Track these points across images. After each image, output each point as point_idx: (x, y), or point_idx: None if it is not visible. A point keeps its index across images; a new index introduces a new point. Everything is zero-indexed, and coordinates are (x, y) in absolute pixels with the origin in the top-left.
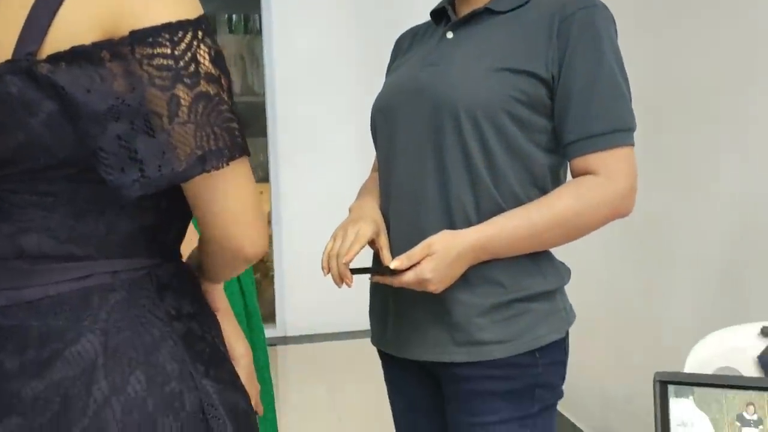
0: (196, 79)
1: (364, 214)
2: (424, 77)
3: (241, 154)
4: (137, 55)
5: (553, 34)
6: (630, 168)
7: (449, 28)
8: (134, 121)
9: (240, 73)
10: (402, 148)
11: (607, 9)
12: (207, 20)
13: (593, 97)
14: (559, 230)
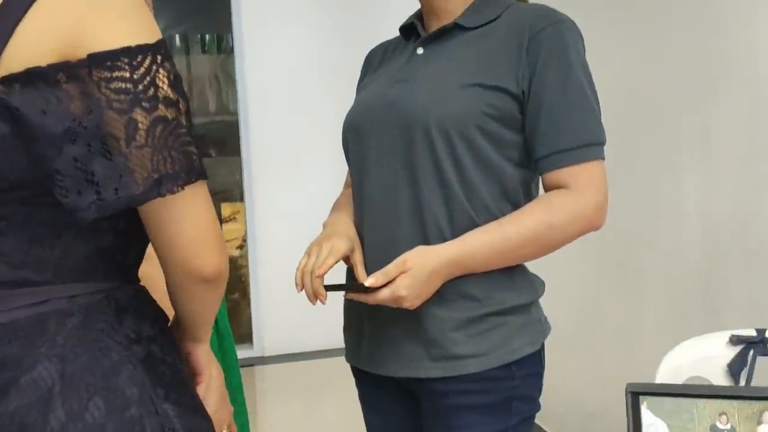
0: (155, 103)
1: (338, 230)
2: (395, 93)
3: (198, 178)
4: (95, 77)
5: (523, 50)
6: (601, 181)
7: (419, 44)
8: (91, 144)
9: (215, 92)
10: (374, 164)
11: (574, 25)
12: (166, 44)
13: (563, 112)
14: (533, 245)
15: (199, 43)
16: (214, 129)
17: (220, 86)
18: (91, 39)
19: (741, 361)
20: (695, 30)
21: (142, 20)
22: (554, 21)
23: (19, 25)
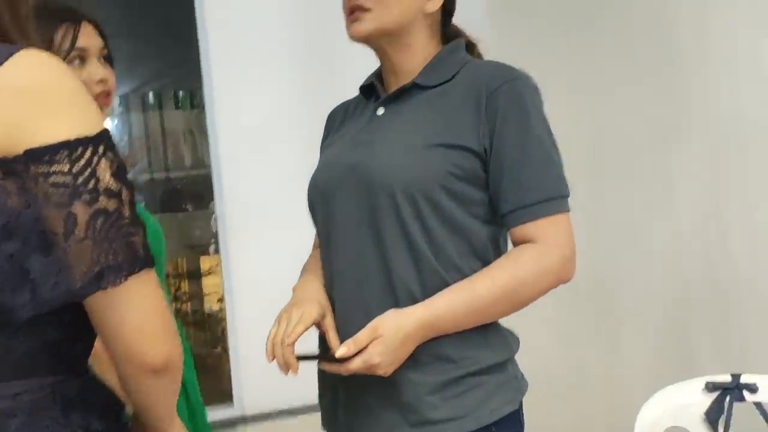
0: (95, 195)
1: (308, 296)
2: (358, 156)
3: (142, 267)
4: (33, 172)
5: (482, 108)
6: (567, 235)
7: (379, 104)
8: (28, 240)
9: (189, 146)
10: (341, 227)
11: (531, 80)
12: (109, 134)
13: (525, 167)
14: (504, 302)
15: (173, 99)
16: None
17: (195, 140)
18: (29, 134)
19: (718, 408)
20: (653, 75)
21: (82, 112)
22: (510, 78)
23: None
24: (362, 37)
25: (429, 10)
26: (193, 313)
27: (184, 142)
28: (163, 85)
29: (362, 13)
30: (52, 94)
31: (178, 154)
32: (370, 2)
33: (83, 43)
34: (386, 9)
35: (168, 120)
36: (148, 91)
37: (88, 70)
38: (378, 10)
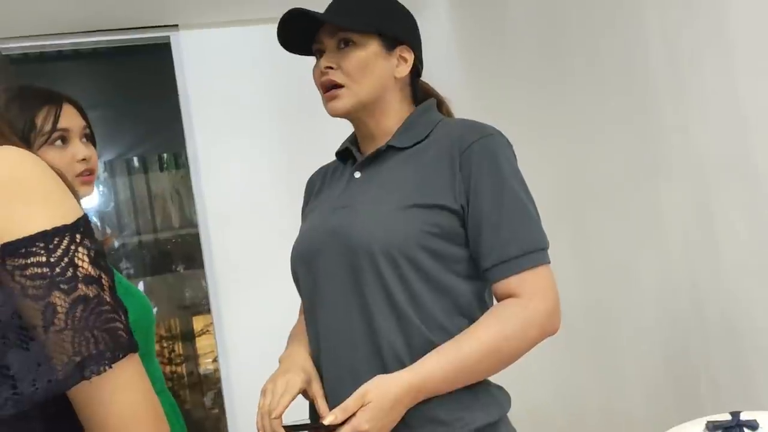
0: (74, 284)
1: (293, 364)
2: (337, 221)
3: (126, 353)
4: (8, 266)
5: (456, 166)
6: (549, 287)
7: (356, 168)
8: (6, 335)
9: (177, 207)
10: (325, 293)
11: (502, 136)
12: (86, 219)
13: (502, 222)
14: (491, 359)
15: (157, 162)
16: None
17: (182, 200)
18: (5, 229)
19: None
20: (630, 116)
21: (58, 202)
22: (482, 135)
23: None
24: (340, 114)
25: (399, 75)
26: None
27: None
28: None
29: (337, 90)
30: (27, 187)
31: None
32: (341, 78)
33: (65, 123)
34: (358, 83)
35: (154, 182)
36: (132, 157)
37: (70, 150)
38: (351, 86)
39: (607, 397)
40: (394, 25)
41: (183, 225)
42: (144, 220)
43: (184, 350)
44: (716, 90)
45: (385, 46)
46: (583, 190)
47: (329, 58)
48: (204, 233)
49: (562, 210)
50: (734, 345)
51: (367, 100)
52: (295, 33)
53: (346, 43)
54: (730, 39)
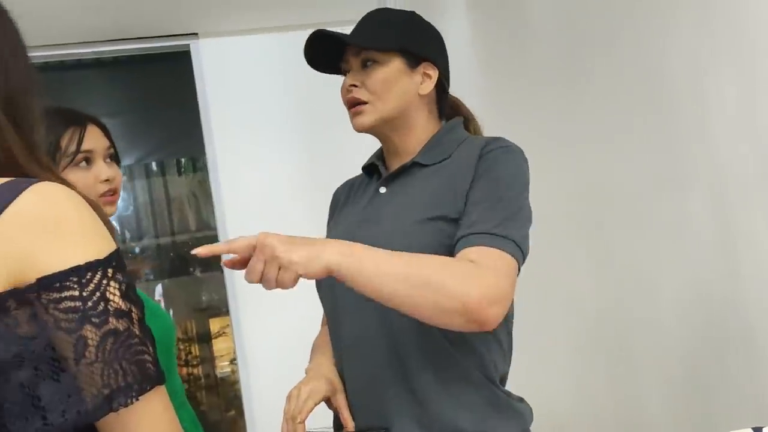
0: (105, 317)
1: (318, 373)
2: (360, 233)
3: (153, 385)
4: (43, 300)
5: (471, 176)
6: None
7: (382, 183)
8: (38, 367)
9: (194, 210)
10: (346, 307)
11: (519, 150)
12: (118, 254)
13: (489, 207)
14: (414, 278)
15: (175, 167)
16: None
17: (198, 204)
18: (41, 263)
19: None
20: (650, 126)
21: (93, 237)
22: (496, 146)
23: None
24: (364, 130)
25: (423, 92)
26: (205, 377)
27: (189, 205)
28: (165, 155)
29: (361, 106)
30: (62, 223)
31: (182, 217)
32: (365, 95)
33: (89, 145)
34: (382, 100)
35: (171, 186)
36: (150, 162)
37: (94, 171)
38: (375, 102)
39: (626, 407)
40: (418, 42)
41: (199, 228)
42: (162, 223)
43: (200, 352)
44: (737, 97)
45: (409, 64)
46: (602, 199)
47: (354, 77)
48: (223, 237)
49: (580, 219)
50: (755, 356)
51: (390, 116)
52: (323, 52)
53: (370, 62)
54: (751, 46)
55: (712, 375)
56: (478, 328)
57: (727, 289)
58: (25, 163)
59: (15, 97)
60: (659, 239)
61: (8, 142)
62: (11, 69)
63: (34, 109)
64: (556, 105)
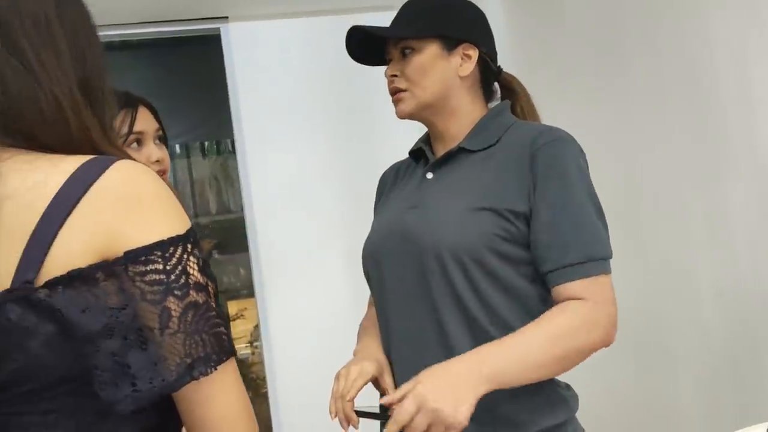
0: (186, 290)
1: (367, 354)
2: (408, 220)
3: (228, 357)
4: (130, 272)
5: (525, 169)
6: (612, 297)
7: (428, 169)
8: (127, 336)
9: (215, 192)
10: (394, 294)
11: (573, 140)
12: (194, 232)
13: (565, 227)
14: (553, 348)
15: (199, 149)
16: (216, 228)
17: (220, 186)
18: (126, 237)
19: None
20: (691, 110)
21: (173, 213)
22: (552, 138)
23: (60, 230)
24: (406, 116)
25: (463, 73)
26: None
27: (210, 188)
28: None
29: (401, 94)
30: (145, 199)
31: (203, 199)
32: (403, 83)
33: (140, 126)
34: (419, 86)
35: (195, 168)
36: (174, 144)
37: (145, 152)
38: (413, 89)
39: (662, 404)
40: (454, 24)
41: (220, 211)
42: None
43: None
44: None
45: (446, 47)
46: (638, 190)
47: (394, 67)
48: (250, 220)
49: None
50: None
51: (429, 102)
52: (365, 46)
53: (408, 50)
54: None
55: (748, 369)
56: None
57: (765, 284)
58: (101, 143)
59: (91, 80)
60: (696, 232)
61: (86, 123)
62: (88, 53)
63: (106, 91)
64: (591, 94)
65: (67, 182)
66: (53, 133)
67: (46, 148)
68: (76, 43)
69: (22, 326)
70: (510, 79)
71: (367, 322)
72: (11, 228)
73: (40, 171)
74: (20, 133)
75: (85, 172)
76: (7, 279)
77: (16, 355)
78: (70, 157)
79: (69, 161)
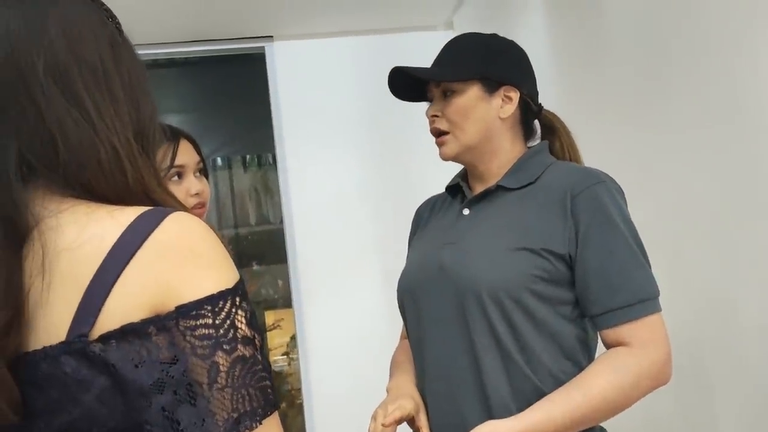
0: (234, 344)
1: (403, 392)
2: (445, 257)
3: (273, 411)
4: (181, 327)
5: (567, 212)
6: (662, 336)
7: (465, 205)
8: (177, 392)
9: (255, 204)
10: (430, 329)
11: (614, 182)
12: (243, 284)
13: (612, 270)
14: (601, 409)
15: (240, 161)
16: (255, 239)
17: (259, 198)
18: (178, 291)
19: None
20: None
21: (224, 266)
22: (594, 182)
23: (115, 284)
24: (449, 159)
25: (504, 115)
26: None
27: (249, 199)
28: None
29: (444, 137)
30: (197, 253)
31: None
32: (446, 125)
33: (182, 160)
34: (462, 129)
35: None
36: (216, 157)
37: (185, 185)
38: (455, 132)
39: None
40: (495, 67)
41: (259, 222)
42: (225, 216)
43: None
44: None
45: (487, 89)
46: (683, 221)
47: (435, 107)
48: (289, 233)
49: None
50: None
51: (472, 144)
52: (406, 83)
53: (449, 92)
54: None
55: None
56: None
57: None
58: (156, 190)
59: (145, 126)
60: (740, 263)
61: (142, 172)
62: (141, 98)
63: (157, 135)
64: (633, 118)
65: (123, 235)
66: (111, 183)
67: (102, 198)
68: (131, 88)
69: (76, 379)
70: (551, 117)
71: (401, 357)
72: (67, 280)
73: (97, 223)
74: (80, 184)
75: (141, 224)
76: (63, 331)
77: (71, 407)
78: (127, 209)
79: (126, 213)
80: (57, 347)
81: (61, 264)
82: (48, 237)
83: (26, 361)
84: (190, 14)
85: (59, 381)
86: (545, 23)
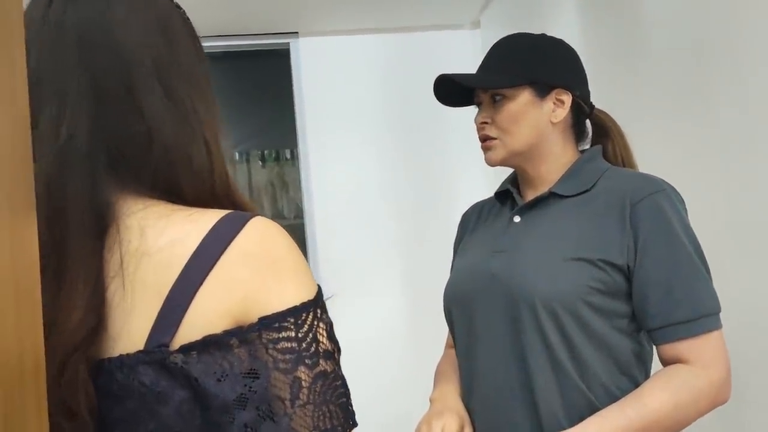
0: (316, 359)
1: (448, 406)
2: (497, 265)
3: (352, 428)
4: (264, 339)
5: (626, 221)
6: (722, 355)
7: (516, 212)
8: (260, 407)
9: (270, 199)
10: (481, 339)
11: (674, 191)
12: (322, 293)
13: (673, 283)
14: (656, 429)
15: (259, 156)
16: None
17: (275, 193)
18: (261, 301)
19: None
20: None
21: (305, 276)
22: (654, 190)
23: (197, 294)
24: (495, 164)
25: (556, 119)
26: None
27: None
28: (251, 146)
29: (491, 141)
30: (280, 262)
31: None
32: (494, 132)
33: None
34: (511, 135)
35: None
36: (235, 151)
37: None
38: (503, 138)
39: None
40: (546, 70)
41: (274, 216)
42: None
43: None
44: None
45: (538, 93)
46: (724, 231)
47: (484, 113)
48: (310, 229)
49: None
50: None
51: (521, 150)
52: (453, 89)
53: (499, 97)
54: None
55: None
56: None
57: None
58: (236, 192)
59: (220, 125)
60: None
61: (226, 170)
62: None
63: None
64: (670, 120)
65: (205, 240)
66: (197, 182)
67: (180, 198)
68: (208, 85)
69: (155, 391)
70: (603, 117)
71: (446, 366)
72: (147, 286)
73: (177, 226)
74: (165, 182)
75: (223, 229)
76: (141, 340)
77: (148, 420)
78: (208, 212)
79: (206, 216)
80: (134, 356)
81: (140, 267)
82: (125, 237)
83: (102, 368)
84: (215, 9)
85: (138, 393)
86: (578, 22)
